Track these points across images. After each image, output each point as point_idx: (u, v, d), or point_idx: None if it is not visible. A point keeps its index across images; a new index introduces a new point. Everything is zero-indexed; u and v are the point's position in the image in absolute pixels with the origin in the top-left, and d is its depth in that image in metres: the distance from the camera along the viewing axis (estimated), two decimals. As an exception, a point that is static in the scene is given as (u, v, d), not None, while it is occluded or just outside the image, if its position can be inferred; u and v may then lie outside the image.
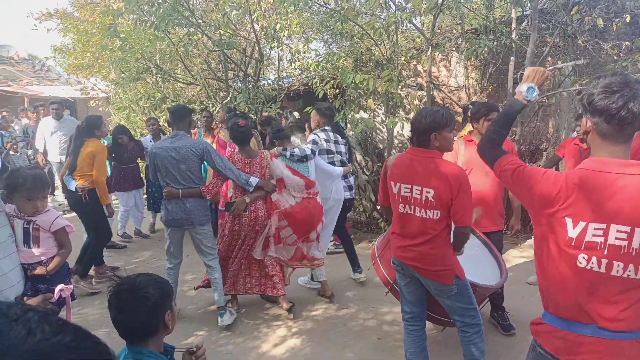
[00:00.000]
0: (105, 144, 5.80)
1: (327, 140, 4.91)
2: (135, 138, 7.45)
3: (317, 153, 4.72)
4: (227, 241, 4.35)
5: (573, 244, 1.69)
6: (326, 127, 4.98)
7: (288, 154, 4.53)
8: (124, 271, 5.47)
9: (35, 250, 3.11)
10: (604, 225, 1.64)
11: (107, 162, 5.82)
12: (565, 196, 1.70)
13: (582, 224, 1.67)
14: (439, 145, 2.76)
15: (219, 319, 4.17)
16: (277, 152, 4.53)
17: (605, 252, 1.65)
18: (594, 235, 1.65)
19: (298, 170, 4.43)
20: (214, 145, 6.59)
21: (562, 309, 1.75)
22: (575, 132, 4.88)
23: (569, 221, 1.70)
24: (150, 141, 6.87)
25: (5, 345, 0.54)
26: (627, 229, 1.61)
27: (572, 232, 1.69)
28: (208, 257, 4.22)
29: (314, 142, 4.75)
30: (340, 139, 5.07)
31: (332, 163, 4.89)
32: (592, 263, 1.66)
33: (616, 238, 1.63)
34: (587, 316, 1.69)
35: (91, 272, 5.26)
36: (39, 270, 3.04)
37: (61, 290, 3.04)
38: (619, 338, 1.66)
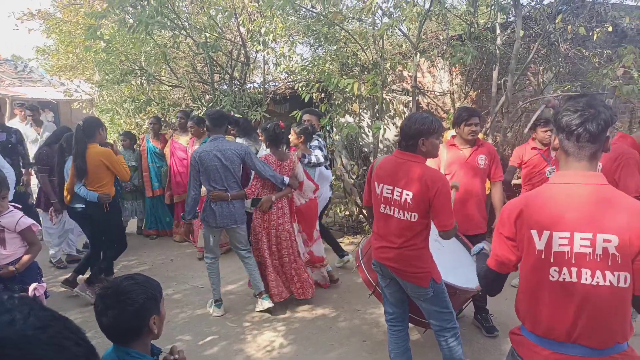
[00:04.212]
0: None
1: (324, 146, 5.23)
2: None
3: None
4: (260, 241, 4.53)
5: (543, 256, 1.74)
6: (319, 133, 5.28)
7: (305, 161, 4.80)
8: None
9: (3, 252, 3.09)
10: (567, 234, 1.70)
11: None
12: (525, 213, 1.79)
13: (546, 234, 1.73)
14: (425, 151, 2.81)
15: (262, 302, 4.39)
16: (298, 155, 4.77)
17: (573, 261, 1.70)
18: (560, 245, 1.71)
19: (310, 175, 4.82)
20: (167, 150, 6.85)
21: (538, 325, 1.79)
22: (534, 139, 5.01)
23: (534, 233, 1.76)
24: None
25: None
26: (590, 235, 1.67)
27: (539, 243, 1.74)
28: (244, 251, 4.48)
29: (320, 149, 5.05)
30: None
31: (326, 167, 5.26)
32: (564, 274, 1.71)
33: (581, 246, 1.68)
34: (561, 333, 1.73)
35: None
36: (5, 271, 3.03)
37: (35, 288, 3.03)
38: (593, 355, 1.70)
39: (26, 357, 0.58)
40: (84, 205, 4.74)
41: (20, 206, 3.37)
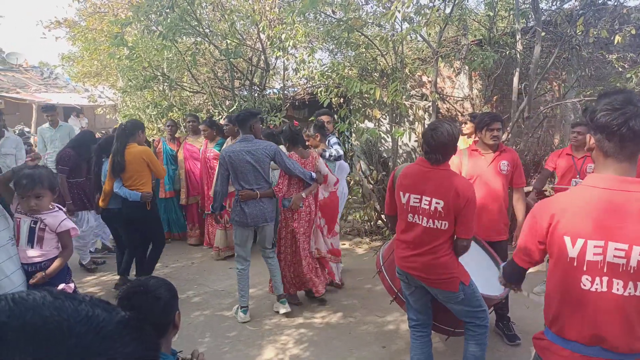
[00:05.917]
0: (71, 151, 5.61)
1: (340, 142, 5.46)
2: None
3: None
4: (290, 241, 4.60)
5: (575, 264, 1.69)
6: (333, 132, 5.55)
7: (327, 154, 4.97)
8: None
9: (37, 251, 3.14)
10: (602, 243, 1.64)
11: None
12: (559, 217, 1.73)
13: (580, 241, 1.67)
14: (451, 157, 2.87)
15: (279, 306, 4.49)
16: (319, 152, 4.92)
17: (605, 270, 1.65)
18: (594, 254, 1.66)
19: (331, 169, 4.94)
20: (181, 152, 6.95)
21: (566, 329, 1.76)
22: (569, 141, 4.85)
23: (567, 240, 1.70)
24: None
25: (101, 320, 0.61)
26: (625, 246, 1.62)
27: (572, 251, 1.69)
28: (269, 250, 4.54)
29: (339, 144, 5.27)
30: None
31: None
32: (597, 284, 1.67)
33: (614, 256, 1.63)
34: (591, 337, 1.70)
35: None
36: (38, 279, 3.09)
37: (62, 289, 3.09)
38: (617, 359, 1.67)
39: (128, 347, 0.61)
40: (120, 207, 4.88)
41: (62, 207, 3.39)
